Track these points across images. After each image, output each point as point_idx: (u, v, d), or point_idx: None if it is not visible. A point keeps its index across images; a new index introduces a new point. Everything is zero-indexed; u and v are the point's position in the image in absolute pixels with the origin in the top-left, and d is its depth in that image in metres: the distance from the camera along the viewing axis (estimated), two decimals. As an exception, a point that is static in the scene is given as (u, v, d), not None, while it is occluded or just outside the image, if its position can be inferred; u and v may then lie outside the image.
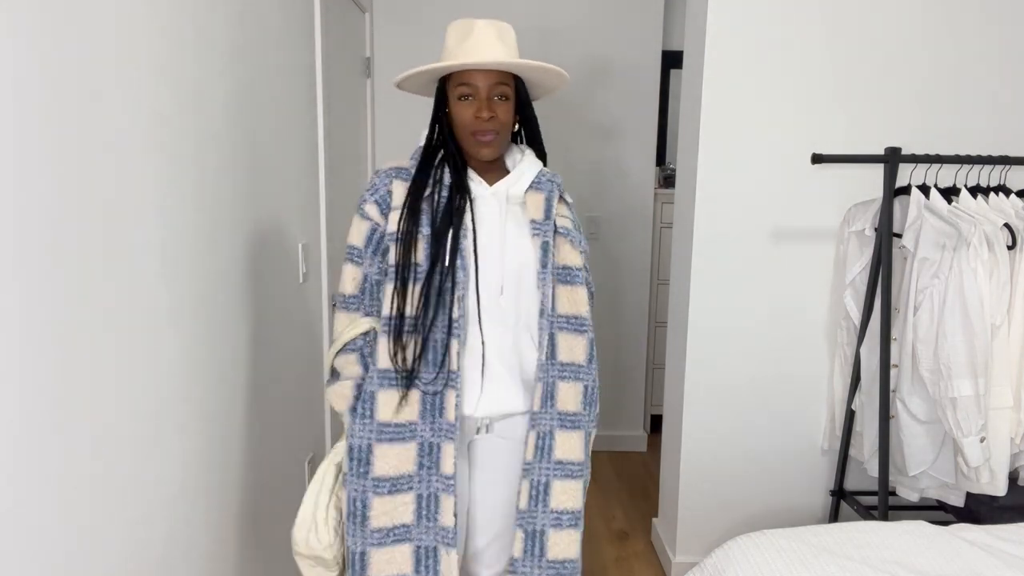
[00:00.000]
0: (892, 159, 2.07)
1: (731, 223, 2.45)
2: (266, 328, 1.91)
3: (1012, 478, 2.14)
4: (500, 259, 1.47)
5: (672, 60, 3.81)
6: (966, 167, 2.29)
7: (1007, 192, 2.15)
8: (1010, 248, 2.01)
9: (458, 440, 1.46)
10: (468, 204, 1.46)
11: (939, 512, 2.37)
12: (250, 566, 1.80)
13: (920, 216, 2.07)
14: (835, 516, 2.49)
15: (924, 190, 2.12)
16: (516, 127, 1.55)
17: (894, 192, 2.10)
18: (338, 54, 2.69)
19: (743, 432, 2.56)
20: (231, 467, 1.69)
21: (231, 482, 1.69)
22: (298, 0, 2.18)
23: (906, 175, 2.26)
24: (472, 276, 1.45)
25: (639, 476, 3.50)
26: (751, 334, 2.51)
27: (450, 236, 1.43)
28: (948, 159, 2.09)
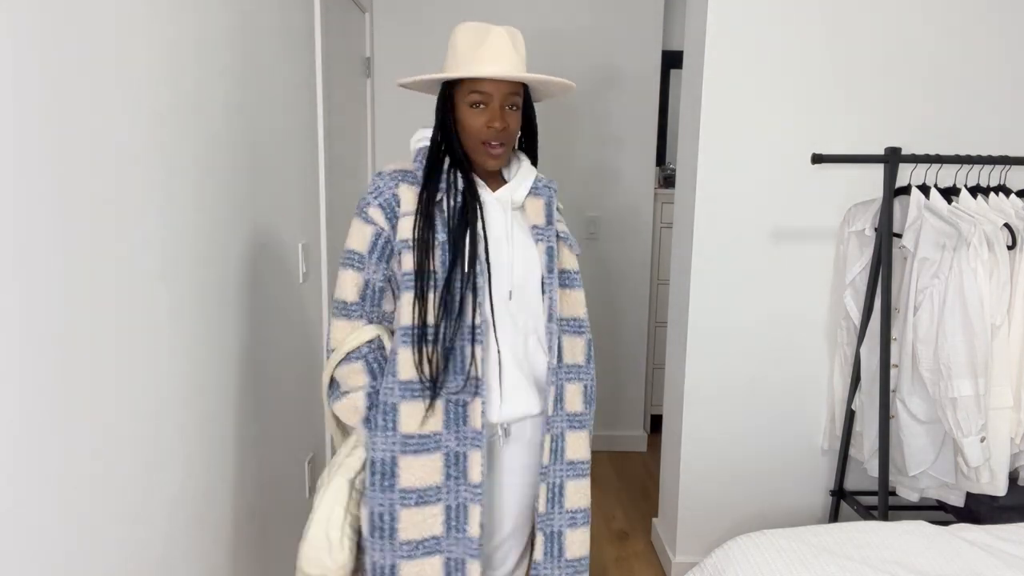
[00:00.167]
0: (892, 159, 2.07)
1: (731, 223, 2.45)
2: (266, 328, 1.91)
3: (1012, 478, 2.14)
4: (509, 265, 1.47)
5: (672, 60, 3.82)
6: (966, 167, 2.29)
7: (1007, 192, 2.15)
8: (1010, 248, 2.02)
9: (485, 447, 1.45)
10: (479, 210, 1.45)
11: (939, 512, 2.37)
12: (250, 566, 1.80)
13: (920, 216, 2.07)
14: (835, 516, 2.49)
15: (924, 190, 2.12)
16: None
17: (894, 192, 2.10)
18: (338, 54, 2.69)
19: (743, 432, 2.56)
20: (231, 467, 1.69)
21: (231, 482, 1.69)
22: (298, 0, 2.18)
23: (906, 175, 2.26)
24: (487, 282, 1.44)
25: (639, 476, 3.50)
26: (751, 334, 2.51)
27: (467, 242, 1.41)
28: (948, 159, 2.09)
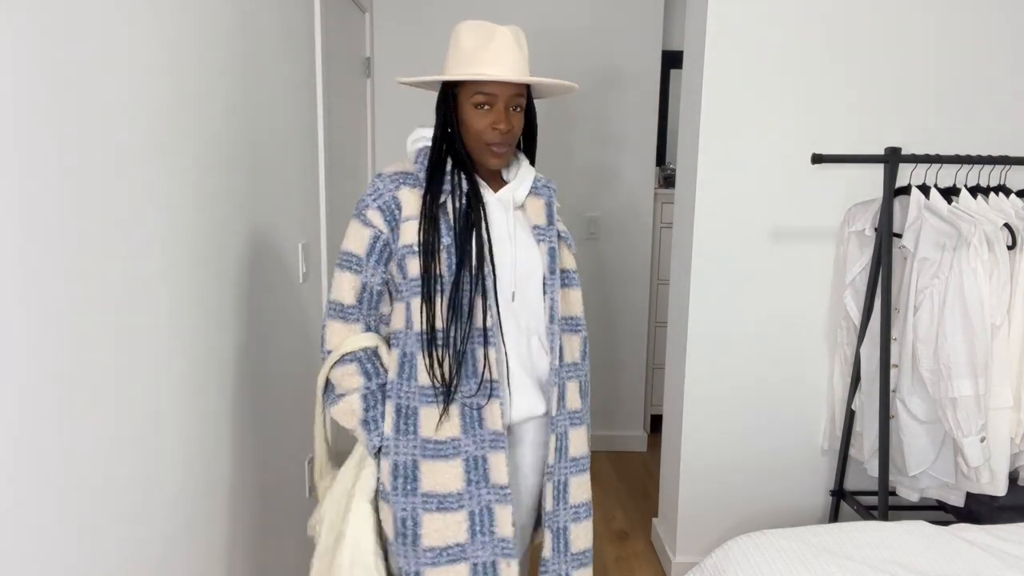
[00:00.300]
0: (892, 159, 2.07)
1: (731, 223, 2.45)
2: (266, 328, 1.91)
3: (1012, 478, 2.14)
4: (512, 266, 1.47)
5: (672, 60, 3.82)
6: (966, 167, 2.29)
7: (1007, 192, 2.15)
8: (1010, 248, 2.02)
9: (507, 448, 1.44)
10: (483, 211, 1.44)
11: (939, 512, 2.37)
12: (250, 566, 1.80)
13: (920, 216, 2.07)
14: (835, 516, 2.49)
15: (924, 190, 2.12)
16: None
17: (894, 192, 2.10)
18: (338, 54, 2.69)
19: (743, 432, 2.56)
20: (231, 467, 1.69)
21: (231, 482, 1.69)
22: (298, 0, 2.18)
23: (906, 175, 2.26)
24: (493, 284, 1.43)
25: (639, 476, 3.50)
26: (751, 334, 2.51)
27: (474, 244, 1.40)
28: (948, 159, 2.09)
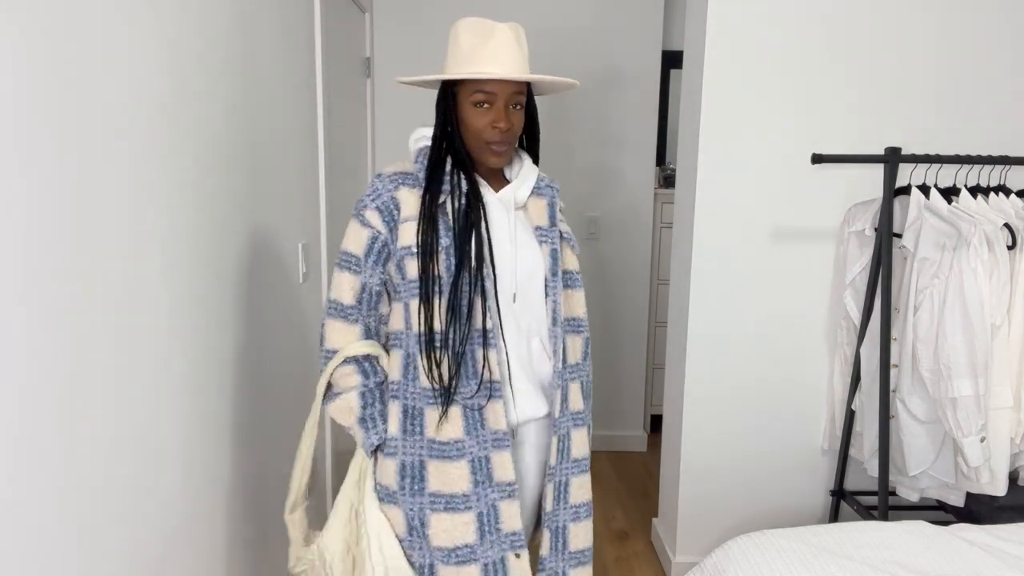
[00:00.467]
0: (892, 159, 2.07)
1: (731, 223, 2.45)
2: (266, 328, 1.91)
3: (1012, 478, 2.14)
4: (513, 267, 1.45)
5: (672, 60, 3.82)
6: (966, 167, 2.29)
7: (1007, 192, 2.15)
8: (1010, 248, 2.02)
9: (512, 447, 1.45)
10: (483, 211, 1.43)
11: (939, 512, 2.37)
12: (250, 566, 1.80)
13: (920, 216, 2.07)
14: (835, 516, 2.49)
15: (924, 190, 2.12)
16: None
17: (894, 192, 2.10)
18: (338, 54, 2.69)
19: (743, 432, 2.56)
20: (231, 467, 1.69)
21: (230, 482, 1.69)
22: (298, 0, 2.18)
23: (906, 175, 2.26)
24: (493, 285, 1.42)
25: (639, 476, 3.50)
26: (751, 334, 2.51)
27: (473, 245, 1.39)
28: (948, 159, 2.09)
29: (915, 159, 2.07)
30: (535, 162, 1.56)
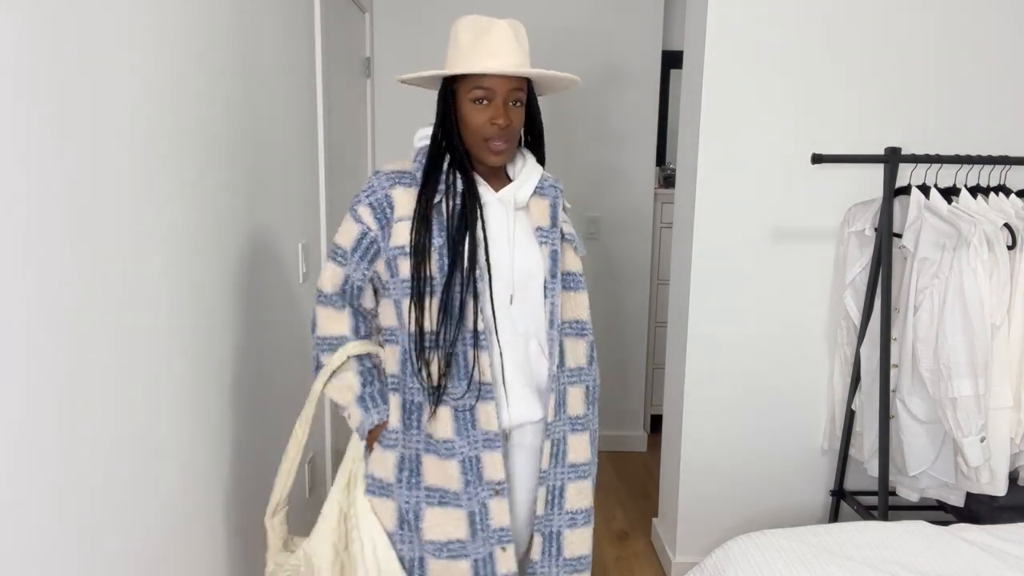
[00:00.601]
0: (892, 159, 2.07)
1: (731, 223, 2.45)
2: (266, 328, 1.91)
3: (1012, 478, 2.14)
4: (510, 268, 1.44)
5: (672, 60, 3.82)
6: (966, 167, 2.29)
7: (1007, 192, 2.15)
8: (1010, 248, 2.02)
9: (503, 449, 1.44)
10: (479, 211, 1.42)
11: (939, 512, 2.37)
12: (250, 566, 1.80)
13: (920, 216, 2.07)
14: (835, 516, 2.49)
15: (924, 190, 2.12)
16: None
17: (894, 192, 2.10)
18: (338, 54, 2.69)
19: (743, 432, 2.56)
20: (231, 467, 1.69)
21: (231, 482, 1.69)
22: (298, 0, 2.18)
23: (906, 175, 2.26)
24: (487, 287, 1.41)
25: (639, 476, 3.50)
26: (751, 334, 2.51)
27: (466, 246, 1.38)
28: (948, 159, 2.09)
29: (915, 159, 2.07)
30: (541, 162, 1.54)
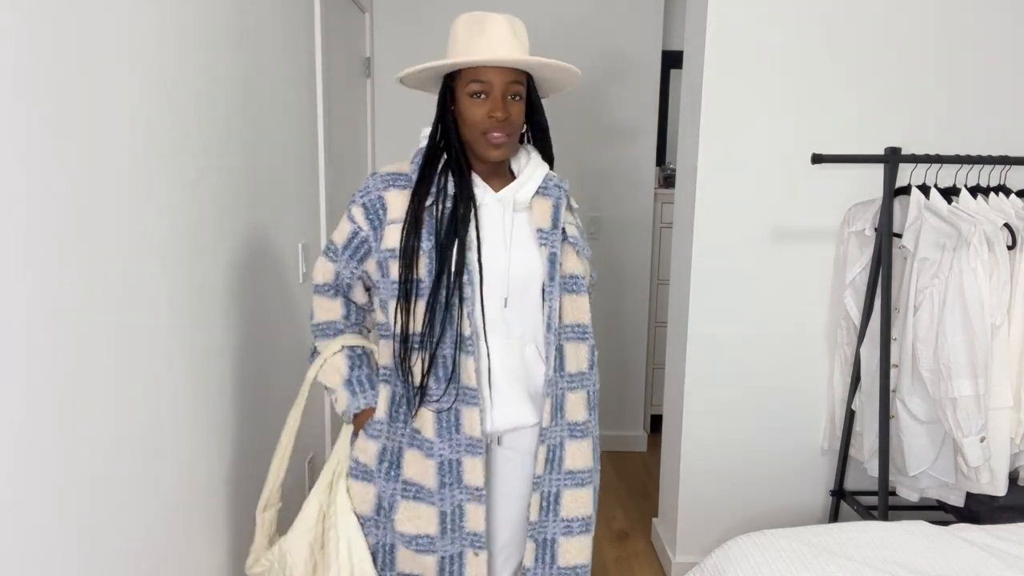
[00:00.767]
0: (892, 159, 2.07)
1: (731, 223, 2.45)
2: (265, 328, 1.91)
3: (1012, 478, 2.14)
4: (505, 271, 1.42)
5: (672, 60, 3.82)
6: (966, 167, 2.29)
7: (1007, 192, 2.15)
8: (1010, 248, 2.01)
9: (484, 454, 1.43)
10: (473, 213, 1.40)
11: (939, 512, 2.37)
12: (250, 566, 1.80)
13: (920, 216, 2.07)
14: (835, 516, 2.49)
15: (924, 190, 2.12)
16: (523, 127, 1.49)
17: (894, 192, 2.10)
18: (338, 54, 2.69)
19: (743, 432, 2.56)
20: (231, 467, 1.69)
21: (231, 482, 1.69)
22: (298, 0, 2.18)
23: (906, 175, 2.26)
24: (478, 290, 1.40)
25: (639, 476, 3.50)
26: (751, 334, 2.51)
27: (455, 250, 1.37)
28: (948, 159, 2.09)
29: (915, 159, 2.07)
30: (549, 160, 1.52)
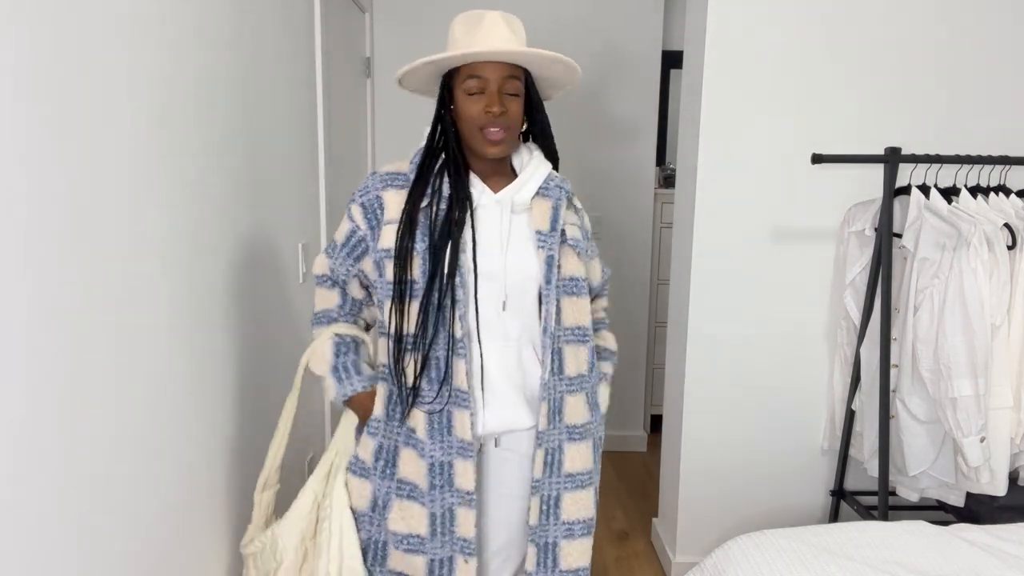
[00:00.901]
0: (892, 159, 2.07)
1: (731, 223, 2.45)
2: (265, 328, 1.91)
3: (1012, 478, 2.14)
4: (502, 273, 1.41)
5: (672, 60, 3.82)
6: (966, 167, 2.29)
7: (1007, 192, 2.15)
8: (1010, 248, 2.01)
9: (475, 458, 1.43)
10: (469, 214, 1.39)
11: (939, 512, 2.37)
12: (250, 566, 1.80)
13: (920, 216, 2.07)
14: (835, 516, 2.49)
15: (924, 190, 2.12)
16: (523, 127, 1.48)
17: (894, 192, 2.10)
18: (338, 54, 2.69)
19: (743, 432, 2.56)
20: (231, 467, 1.69)
21: (231, 481, 1.69)
22: (298, 0, 2.18)
23: (906, 175, 2.26)
24: (471, 293, 1.39)
25: (639, 476, 3.50)
26: (751, 334, 2.51)
27: (448, 252, 1.36)
28: (948, 159, 2.09)
29: (915, 159, 2.07)
30: (554, 159, 1.51)
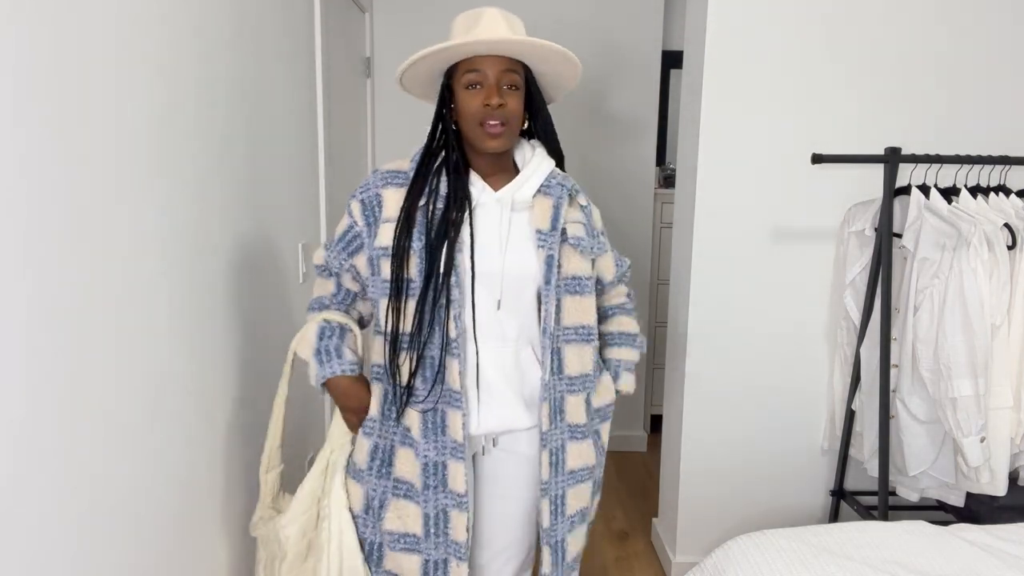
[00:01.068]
0: (892, 159, 2.07)
1: (731, 223, 2.45)
2: (265, 328, 1.91)
3: (1012, 478, 2.14)
4: (500, 273, 1.40)
5: (672, 60, 3.82)
6: (966, 167, 2.29)
7: (1007, 192, 2.15)
8: (1010, 248, 2.01)
9: (468, 459, 1.44)
10: (467, 213, 1.39)
11: (939, 512, 2.37)
12: (250, 565, 1.80)
13: (920, 216, 2.07)
14: (835, 516, 2.49)
15: (924, 190, 2.12)
16: (525, 124, 1.47)
17: (894, 192, 2.10)
18: (338, 54, 2.69)
19: (743, 432, 2.56)
20: (231, 467, 1.69)
21: (231, 481, 1.69)
22: (298, 0, 2.18)
23: (906, 175, 2.26)
24: (468, 293, 1.39)
25: (639, 476, 3.50)
26: (751, 334, 2.51)
27: (444, 252, 1.36)
28: (948, 159, 2.09)
29: (915, 159, 2.07)
30: (558, 156, 1.50)
